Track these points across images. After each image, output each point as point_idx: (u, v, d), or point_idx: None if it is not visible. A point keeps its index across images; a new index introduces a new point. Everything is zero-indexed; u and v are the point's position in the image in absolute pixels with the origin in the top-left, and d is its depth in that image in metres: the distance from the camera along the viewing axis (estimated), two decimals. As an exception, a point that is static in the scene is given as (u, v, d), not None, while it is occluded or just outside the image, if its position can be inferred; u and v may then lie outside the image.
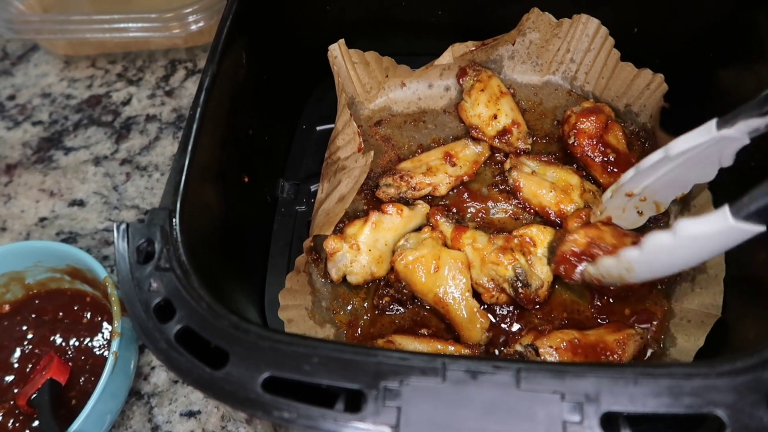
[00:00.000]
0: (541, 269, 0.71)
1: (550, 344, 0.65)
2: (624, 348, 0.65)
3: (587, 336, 0.66)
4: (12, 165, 1.05)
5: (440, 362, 0.43)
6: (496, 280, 0.71)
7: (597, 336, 0.66)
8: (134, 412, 0.77)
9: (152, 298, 0.49)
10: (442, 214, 0.77)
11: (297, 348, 0.45)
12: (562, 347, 0.65)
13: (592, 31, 0.84)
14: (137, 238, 0.52)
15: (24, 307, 0.82)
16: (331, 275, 0.74)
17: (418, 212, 0.77)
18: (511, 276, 0.70)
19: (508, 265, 0.70)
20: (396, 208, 0.75)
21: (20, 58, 1.21)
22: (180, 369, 0.45)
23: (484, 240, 0.73)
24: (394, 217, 0.75)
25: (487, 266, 0.71)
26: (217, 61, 0.65)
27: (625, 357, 0.65)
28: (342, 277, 0.74)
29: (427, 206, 0.79)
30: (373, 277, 0.74)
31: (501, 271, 0.70)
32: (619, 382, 0.42)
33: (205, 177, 0.62)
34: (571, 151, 0.81)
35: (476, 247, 0.73)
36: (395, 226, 0.75)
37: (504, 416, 0.41)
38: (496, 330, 0.72)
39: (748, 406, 0.40)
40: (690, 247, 0.54)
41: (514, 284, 0.70)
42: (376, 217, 0.75)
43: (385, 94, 0.90)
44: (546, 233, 0.73)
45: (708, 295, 0.69)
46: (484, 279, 0.71)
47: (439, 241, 0.74)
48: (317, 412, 0.42)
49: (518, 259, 0.71)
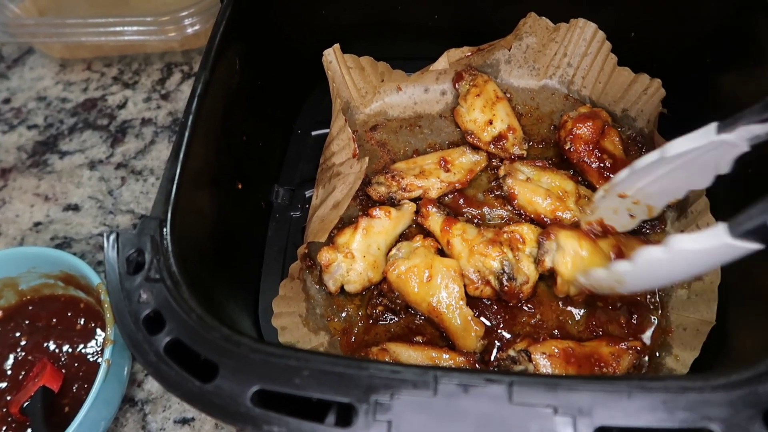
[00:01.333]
0: (528, 266, 0.71)
1: (543, 351, 0.65)
2: (618, 361, 0.65)
3: (582, 347, 0.66)
4: (7, 169, 1.04)
5: (432, 375, 0.43)
6: (482, 272, 0.71)
7: (592, 348, 0.66)
8: (128, 419, 0.77)
9: (141, 309, 0.48)
10: (434, 205, 0.77)
11: (288, 361, 0.44)
12: (556, 354, 0.64)
13: (589, 35, 0.84)
14: (127, 248, 0.51)
15: (17, 314, 0.81)
16: (329, 287, 0.73)
17: (405, 212, 0.77)
18: (497, 268, 0.70)
19: (495, 258, 0.70)
20: (383, 210, 0.75)
21: (16, 62, 1.20)
22: (169, 382, 0.45)
23: (474, 232, 0.74)
24: (383, 220, 0.75)
25: (474, 257, 0.71)
26: (210, 67, 0.65)
27: (619, 369, 0.65)
28: (340, 287, 0.73)
29: (414, 205, 0.79)
30: (371, 283, 0.74)
31: (488, 263, 0.71)
32: (613, 396, 0.41)
33: (198, 184, 0.61)
34: (568, 157, 0.80)
35: (465, 239, 0.73)
36: (385, 228, 0.75)
37: (496, 430, 0.41)
38: (490, 337, 0.71)
39: (744, 421, 0.40)
40: (683, 262, 0.52)
41: (500, 277, 0.70)
42: (365, 222, 0.74)
43: (380, 99, 0.90)
44: (536, 233, 0.73)
45: (703, 303, 0.69)
46: (470, 270, 0.71)
47: (431, 249, 0.74)
48: (308, 426, 0.42)
49: (506, 253, 0.71)
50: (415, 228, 0.80)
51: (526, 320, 0.72)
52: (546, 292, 0.74)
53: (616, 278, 0.59)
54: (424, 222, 0.77)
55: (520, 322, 0.72)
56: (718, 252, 0.49)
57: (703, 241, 0.49)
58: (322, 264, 0.72)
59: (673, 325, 0.70)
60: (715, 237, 0.48)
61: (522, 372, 0.65)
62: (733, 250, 0.48)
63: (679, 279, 0.58)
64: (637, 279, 0.58)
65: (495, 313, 0.73)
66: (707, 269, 0.54)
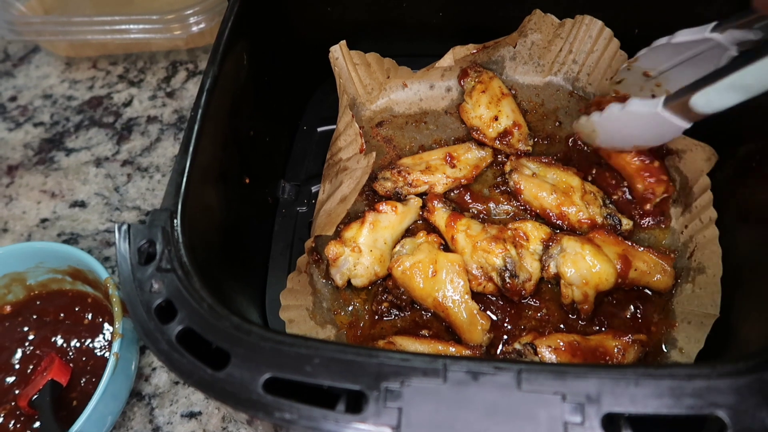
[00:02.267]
0: (531, 264, 0.72)
1: (548, 344, 0.65)
2: (624, 354, 0.65)
3: (588, 340, 0.66)
4: (13, 166, 1.05)
5: (441, 363, 0.43)
6: (485, 268, 0.71)
7: (597, 341, 0.66)
8: (135, 413, 0.77)
9: (153, 299, 0.49)
10: (440, 200, 0.78)
11: (298, 349, 0.45)
12: (561, 348, 0.65)
13: (595, 32, 0.84)
14: (138, 239, 0.52)
15: (25, 308, 0.82)
16: (336, 281, 0.74)
17: (411, 207, 0.78)
18: (500, 265, 0.71)
19: (498, 254, 0.71)
20: (390, 205, 0.76)
21: (22, 60, 1.21)
22: (181, 370, 0.45)
23: (478, 228, 0.74)
24: (389, 215, 0.76)
25: (477, 253, 0.72)
26: (218, 63, 0.65)
27: (625, 362, 0.65)
28: (347, 281, 0.74)
29: (420, 200, 0.79)
30: (377, 277, 0.75)
31: (491, 260, 0.71)
32: (621, 383, 0.42)
33: (207, 178, 0.62)
34: (608, 161, 0.80)
35: (470, 234, 0.73)
36: (392, 223, 0.76)
37: (505, 417, 0.41)
38: (496, 331, 0.72)
39: (750, 408, 0.40)
40: (632, 123, 0.67)
41: (502, 273, 0.71)
42: (372, 217, 0.75)
43: (386, 95, 0.90)
44: (540, 230, 0.73)
45: (707, 296, 0.69)
46: (473, 266, 0.72)
47: (435, 245, 0.74)
48: (318, 413, 0.42)
49: (509, 249, 0.71)
50: (420, 223, 0.80)
51: (532, 314, 0.73)
52: (550, 289, 0.74)
53: (592, 127, 0.75)
54: (430, 217, 0.78)
55: (525, 317, 0.73)
56: (655, 120, 0.61)
57: (645, 106, 0.64)
58: (329, 258, 0.73)
59: (678, 318, 0.70)
60: (654, 105, 0.61)
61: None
62: (667, 123, 0.60)
63: (634, 141, 0.72)
64: (604, 131, 0.74)
65: (500, 308, 0.73)
66: (654, 138, 0.70)
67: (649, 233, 0.77)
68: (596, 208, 0.76)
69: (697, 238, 0.73)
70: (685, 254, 0.74)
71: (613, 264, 0.69)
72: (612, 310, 0.72)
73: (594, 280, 0.68)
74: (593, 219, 0.75)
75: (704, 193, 0.74)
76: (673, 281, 0.71)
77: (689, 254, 0.73)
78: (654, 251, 0.72)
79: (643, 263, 0.70)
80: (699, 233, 0.73)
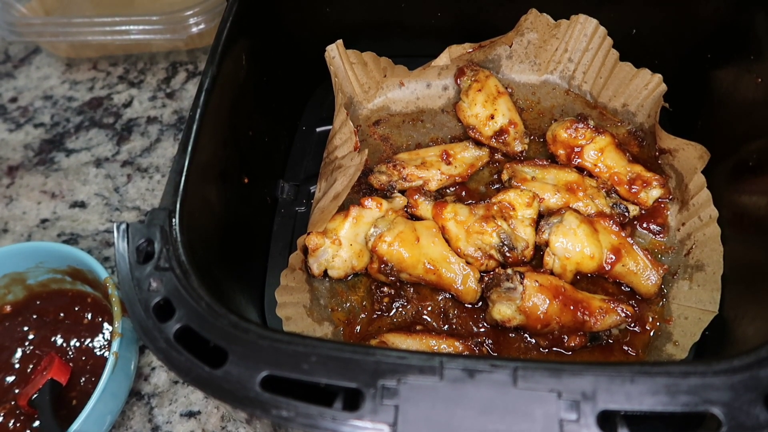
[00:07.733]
0: (524, 230, 0.73)
1: (537, 279, 0.67)
2: (604, 316, 0.66)
3: (576, 293, 0.68)
4: (14, 167, 1.05)
5: (438, 361, 0.44)
6: (483, 248, 0.72)
7: (585, 297, 0.68)
8: (134, 412, 0.77)
9: (152, 297, 0.49)
10: (420, 193, 0.78)
11: (296, 347, 0.45)
12: (547, 286, 0.66)
13: (590, 31, 0.84)
14: (137, 238, 0.52)
15: (25, 308, 0.82)
16: (312, 270, 0.74)
17: (396, 205, 0.78)
18: (496, 242, 0.72)
19: (492, 233, 0.72)
20: (375, 201, 0.76)
21: (22, 61, 1.21)
22: (179, 368, 0.45)
23: (465, 212, 0.75)
24: (373, 211, 0.76)
25: (472, 237, 0.72)
26: (217, 63, 0.66)
27: (599, 324, 0.66)
28: (323, 271, 0.74)
29: (405, 198, 0.79)
30: (354, 271, 0.75)
31: (486, 240, 0.72)
32: (616, 381, 0.42)
33: (205, 177, 0.62)
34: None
35: (459, 220, 0.74)
36: (375, 219, 0.76)
37: (501, 415, 0.42)
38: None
39: (745, 405, 0.41)
40: None
41: (501, 249, 0.72)
42: (356, 212, 0.75)
43: (383, 94, 0.91)
44: (523, 195, 0.75)
45: (705, 293, 0.69)
46: (470, 250, 0.73)
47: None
48: (316, 410, 0.42)
49: (500, 225, 0.72)
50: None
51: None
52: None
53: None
54: (416, 212, 0.78)
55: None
56: None
57: None
58: (309, 247, 0.73)
59: (674, 314, 0.70)
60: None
61: (510, 289, 0.66)
62: None
63: None
64: None
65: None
66: None
67: (651, 256, 0.76)
68: (601, 199, 0.76)
69: (697, 235, 0.73)
70: (682, 251, 0.74)
71: (601, 250, 0.70)
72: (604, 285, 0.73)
73: (576, 257, 0.70)
74: (601, 211, 0.76)
75: (701, 190, 0.74)
76: (657, 290, 0.71)
77: (687, 252, 0.73)
78: (649, 256, 0.72)
79: (634, 263, 0.71)
80: (698, 231, 0.73)
